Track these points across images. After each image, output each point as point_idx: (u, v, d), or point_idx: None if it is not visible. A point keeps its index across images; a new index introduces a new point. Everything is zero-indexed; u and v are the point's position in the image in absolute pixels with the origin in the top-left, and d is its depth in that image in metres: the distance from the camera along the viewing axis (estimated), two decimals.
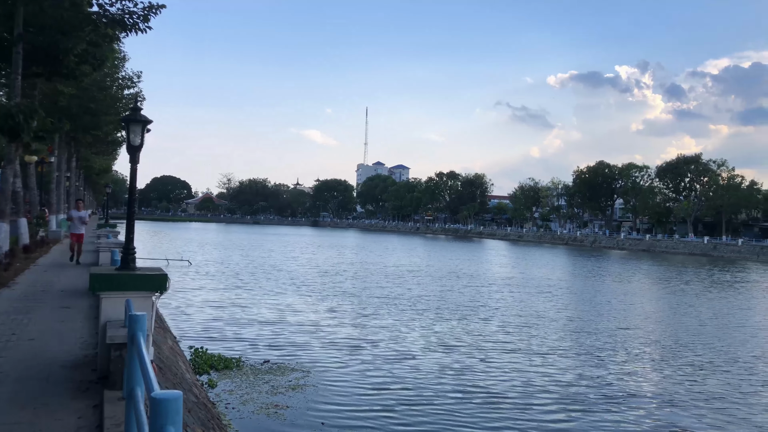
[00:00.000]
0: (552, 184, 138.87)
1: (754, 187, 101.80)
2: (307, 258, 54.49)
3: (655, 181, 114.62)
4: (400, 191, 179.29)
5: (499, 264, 56.68)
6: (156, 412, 2.90)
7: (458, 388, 13.83)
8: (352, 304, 26.21)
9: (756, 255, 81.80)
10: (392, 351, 17.31)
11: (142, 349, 4.25)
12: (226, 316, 22.29)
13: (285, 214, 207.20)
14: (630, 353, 18.45)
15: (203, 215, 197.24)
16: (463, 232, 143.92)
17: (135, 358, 4.70)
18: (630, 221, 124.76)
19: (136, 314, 4.97)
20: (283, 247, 69.49)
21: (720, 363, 17.53)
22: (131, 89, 36.77)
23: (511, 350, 17.98)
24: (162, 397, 2.91)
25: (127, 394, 4.91)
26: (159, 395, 2.93)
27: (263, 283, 32.82)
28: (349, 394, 13.22)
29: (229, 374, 14.09)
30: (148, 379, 3.48)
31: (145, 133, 8.52)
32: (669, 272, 53.15)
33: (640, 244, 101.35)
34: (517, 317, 24.20)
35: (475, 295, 30.91)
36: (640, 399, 13.70)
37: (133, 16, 14.13)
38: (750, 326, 24.85)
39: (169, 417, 2.87)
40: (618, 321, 24.42)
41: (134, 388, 4.42)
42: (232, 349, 16.72)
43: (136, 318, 4.92)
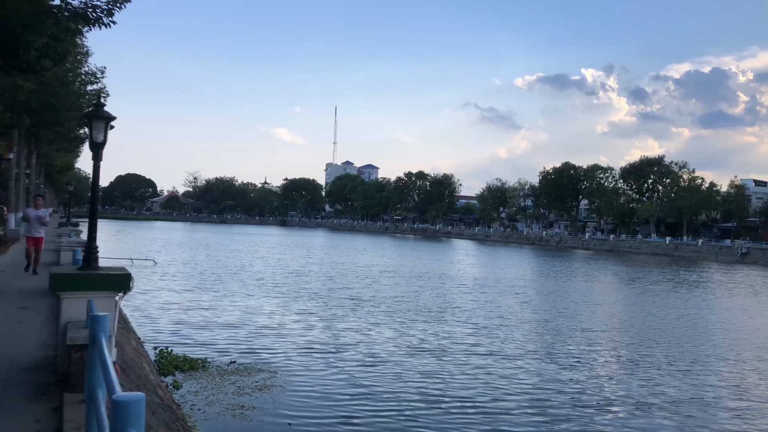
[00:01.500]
0: (519, 184, 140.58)
1: (713, 189, 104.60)
2: (275, 258, 54.10)
3: (619, 182, 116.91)
4: (369, 191, 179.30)
5: (467, 264, 57.10)
6: (117, 414, 2.83)
7: (426, 391, 13.71)
8: (320, 305, 26.10)
9: (715, 255, 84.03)
10: (360, 353, 17.25)
11: (104, 350, 4.16)
12: (192, 316, 21.98)
13: (252, 214, 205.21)
14: (600, 355, 18.42)
15: (169, 214, 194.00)
16: (432, 232, 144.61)
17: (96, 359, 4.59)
18: (594, 221, 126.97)
19: (98, 315, 4.86)
20: (250, 247, 68.86)
21: (689, 365, 17.57)
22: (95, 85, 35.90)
23: (480, 354, 17.74)
24: (123, 399, 2.84)
25: (87, 397, 4.80)
26: (120, 397, 2.87)
27: (230, 284, 32.47)
28: (316, 395, 13.16)
29: (194, 375, 13.89)
30: (110, 381, 3.40)
31: (108, 129, 8.34)
32: (636, 272, 54.24)
33: (605, 244, 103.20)
34: (486, 318, 24.23)
35: (445, 296, 31.05)
36: (610, 403, 13.52)
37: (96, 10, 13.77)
38: (719, 327, 25.18)
39: (131, 419, 2.81)
40: (587, 322, 24.48)
41: (95, 391, 4.32)
42: (198, 349, 16.50)
43: (97, 318, 4.80)
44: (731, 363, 17.98)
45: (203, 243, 72.08)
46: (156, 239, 75.81)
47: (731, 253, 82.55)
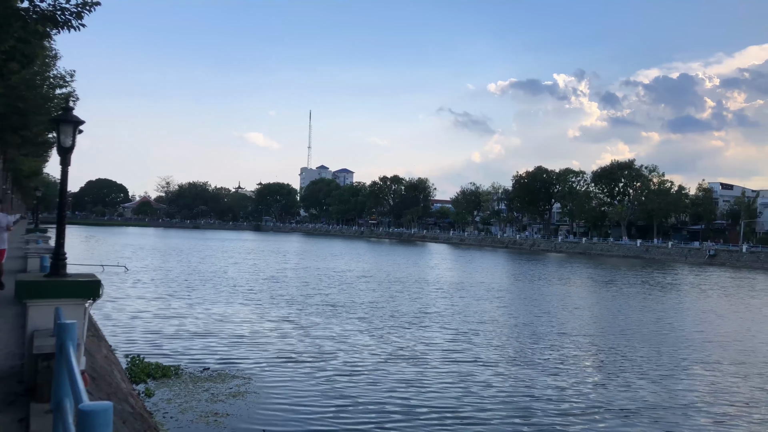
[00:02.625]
0: (492, 188, 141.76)
1: (682, 192, 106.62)
2: (250, 264, 53.71)
3: (590, 185, 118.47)
4: (344, 195, 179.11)
5: (444, 268, 57.30)
6: (84, 424, 2.77)
7: (404, 399, 13.54)
8: (296, 311, 25.91)
9: (684, 257, 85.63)
10: (337, 359, 17.12)
11: (71, 358, 4.07)
12: (164, 323, 21.68)
13: (226, 219, 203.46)
14: (579, 360, 18.21)
15: (141, 219, 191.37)
16: (407, 236, 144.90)
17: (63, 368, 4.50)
18: (567, 225, 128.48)
19: (66, 323, 4.76)
20: (224, 253, 68.25)
21: (668, 369, 17.36)
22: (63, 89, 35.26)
23: (458, 360, 17.40)
24: (90, 408, 2.79)
25: (54, 407, 4.70)
26: (87, 407, 2.81)
27: (203, 290, 32.13)
28: (291, 401, 13.06)
29: (167, 383, 13.70)
30: (77, 390, 3.33)
31: (76, 134, 8.20)
32: (610, 275, 54.93)
33: (577, 247, 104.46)
34: (464, 324, 24.06)
35: (422, 302, 31.01)
36: (590, 410, 13.22)
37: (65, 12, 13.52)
38: (695, 330, 25.33)
39: (98, 429, 2.76)
40: (565, 327, 24.33)
41: (62, 400, 4.23)
42: (170, 357, 16.28)
43: (65, 326, 4.71)
44: (709, 366, 17.92)
45: (176, 249, 71.21)
46: (128, 245, 74.67)
47: (700, 255, 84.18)
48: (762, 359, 19.23)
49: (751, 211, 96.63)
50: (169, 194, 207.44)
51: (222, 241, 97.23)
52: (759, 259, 77.47)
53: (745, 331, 25.20)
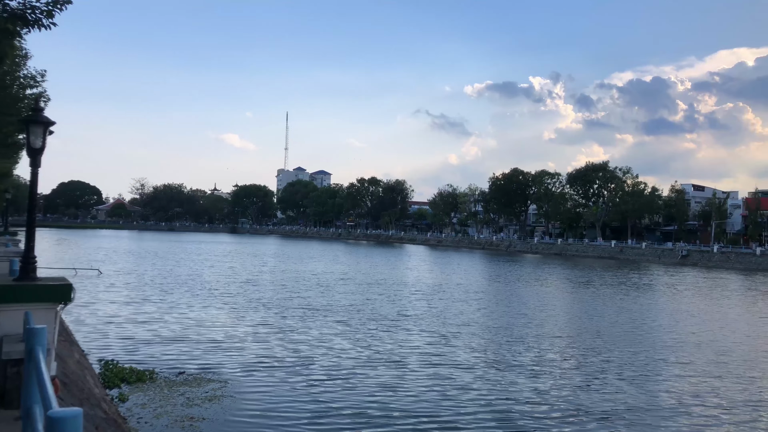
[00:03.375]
0: (469, 190, 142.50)
1: (655, 193, 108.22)
2: (226, 266, 53.27)
3: (566, 187, 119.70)
4: (322, 197, 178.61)
5: (422, 270, 57.44)
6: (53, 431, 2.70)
7: (382, 402, 13.42)
8: (273, 314, 25.74)
9: (658, 257, 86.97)
10: (315, 362, 17.00)
11: (41, 364, 3.98)
12: (139, 327, 21.39)
13: (202, 221, 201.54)
14: (558, 363, 18.04)
15: (115, 222, 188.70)
16: (385, 238, 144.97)
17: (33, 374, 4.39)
18: (543, 226, 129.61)
19: (35, 327, 4.66)
20: (199, 255, 67.59)
21: (648, 371, 17.25)
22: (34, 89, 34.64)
23: (437, 364, 17.16)
24: (59, 415, 2.72)
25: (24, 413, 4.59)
26: (56, 413, 2.74)
27: (179, 294, 31.77)
28: (268, 405, 12.97)
29: (141, 387, 13.52)
30: (46, 397, 3.25)
31: (47, 135, 8.04)
32: (587, 276, 55.49)
33: (553, 248, 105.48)
34: (443, 326, 24.00)
35: (401, 304, 30.95)
36: (569, 413, 13.07)
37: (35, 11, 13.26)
38: (674, 331, 25.43)
39: None
40: (544, 328, 24.23)
41: (32, 407, 4.13)
42: (145, 361, 16.07)
43: (34, 331, 4.60)
44: (686, 368, 17.84)
45: (151, 251, 70.34)
46: (101, 248, 73.54)
47: (673, 256, 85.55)
48: (737, 359, 19.42)
49: (722, 212, 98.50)
50: (143, 196, 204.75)
51: (198, 244, 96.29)
52: (729, 260, 79.00)
53: (718, 329, 25.60)
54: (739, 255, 79.65)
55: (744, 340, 23.28)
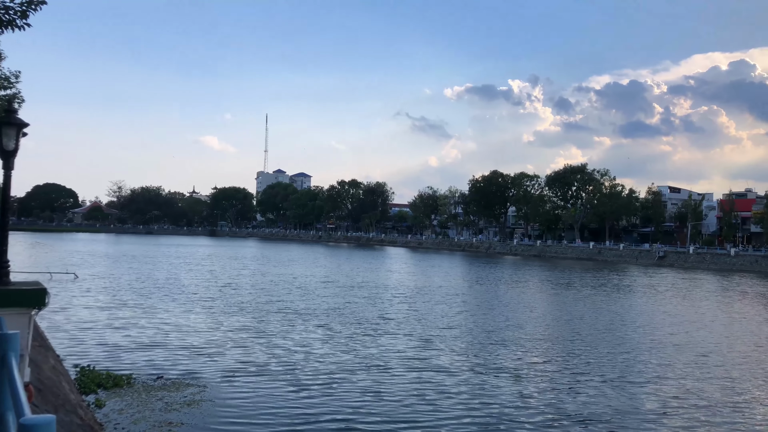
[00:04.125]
0: (449, 192, 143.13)
1: (632, 195, 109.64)
2: (206, 270, 52.84)
3: (544, 189, 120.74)
4: (302, 199, 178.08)
5: (403, 272, 57.52)
6: None
7: (361, 407, 13.24)
8: (253, 318, 25.53)
9: (635, 258, 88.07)
10: (294, 367, 16.85)
11: (14, 370, 3.90)
12: (116, 332, 21.12)
13: (180, 224, 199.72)
14: (542, 366, 17.75)
15: (92, 225, 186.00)
16: (365, 240, 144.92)
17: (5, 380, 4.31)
18: (522, 228, 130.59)
19: (7, 333, 4.56)
20: (178, 259, 66.97)
21: (632, 374, 16.94)
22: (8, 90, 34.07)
23: (420, 368, 16.90)
24: (31, 422, 2.66)
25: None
26: (28, 421, 2.68)
27: (157, 298, 31.44)
28: (247, 410, 12.87)
29: (119, 393, 13.34)
30: (19, 404, 3.19)
31: (20, 137, 7.90)
32: (567, 278, 55.94)
33: (532, 249, 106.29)
34: (425, 329, 23.87)
35: (383, 307, 30.82)
36: (552, 418, 12.92)
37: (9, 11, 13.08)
38: (658, 333, 25.58)
39: None
40: (527, 332, 24.01)
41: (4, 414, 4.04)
42: (123, 366, 15.87)
43: (6, 337, 4.51)
44: (670, 370, 17.70)
45: (129, 255, 69.51)
46: (77, 252, 72.50)
47: (650, 257, 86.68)
48: (717, 361, 19.42)
49: (698, 213, 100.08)
50: (121, 199, 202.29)
51: (176, 247, 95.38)
52: (705, 260, 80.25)
53: (696, 331, 25.80)
54: (714, 256, 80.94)
55: (723, 341, 23.47)
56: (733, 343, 23.12)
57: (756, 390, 15.88)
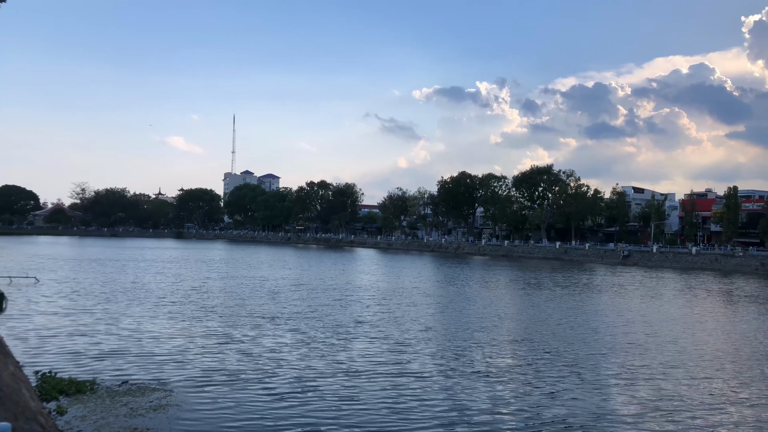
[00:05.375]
0: (419, 193, 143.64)
1: (597, 195, 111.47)
2: (172, 273, 52.06)
3: (512, 190, 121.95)
4: (270, 201, 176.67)
5: (374, 274, 57.47)
6: None
7: (331, 413, 13.07)
8: (221, 322, 25.19)
9: (600, 258, 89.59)
10: (263, 371, 16.66)
11: None
12: (79, 337, 20.68)
13: (146, 226, 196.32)
14: (515, 369, 17.46)
15: (54, 228, 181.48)
16: (335, 242, 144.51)
17: None
18: (490, 228, 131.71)
19: None
20: (144, 262, 65.84)
21: (606, 377, 16.84)
22: None
23: (392, 373, 16.56)
24: None
25: None
26: None
27: (122, 302, 30.87)
28: (214, 414, 12.73)
29: (81, 399, 13.07)
30: None
31: None
32: (536, 277, 56.51)
33: (500, 249, 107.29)
34: (398, 331, 23.81)
35: (352, 309, 30.69)
36: (524, 421, 12.85)
37: None
38: (623, 333, 25.92)
39: None
40: (499, 333, 23.87)
41: None
42: (86, 372, 15.56)
43: None
44: (643, 371, 17.64)
45: (92, 258, 68.06)
46: (38, 255, 70.70)
47: (615, 256, 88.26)
48: (690, 359, 19.59)
49: (660, 213, 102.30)
50: (84, 201, 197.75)
51: (142, 250, 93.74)
52: (668, 259, 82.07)
53: (668, 331, 26.02)
54: (677, 255, 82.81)
55: (692, 338, 23.83)
56: (704, 340, 23.41)
57: (730, 390, 15.89)
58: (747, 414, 13.87)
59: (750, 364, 19.16)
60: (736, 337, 24.43)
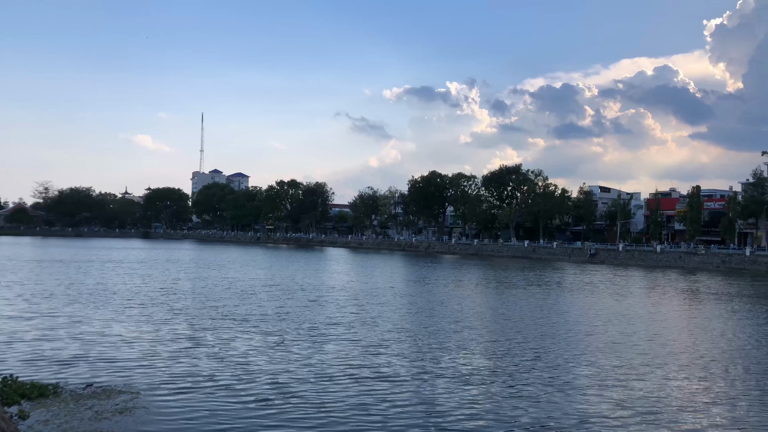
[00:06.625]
0: (389, 192, 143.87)
1: (565, 195, 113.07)
2: (139, 274, 51.19)
3: (481, 189, 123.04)
4: (240, 200, 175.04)
5: (346, 273, 57.33)
6: None
7: (300, 417, 12.77)
8: (188, 324, 24.69)
9: (568, 256, 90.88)
10: (231, 373, 16.39)
11: None
12: (42, 340, 20.17)
13: (112, 226, 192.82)
14: (490, 372, 17.18)
15: (15, 228, 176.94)
16: (305, 241, 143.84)
17: None
18: (460, 227, 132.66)
19: None
20: (110, 263, 64.60)
21: (581, 379, 16.60)
22: None
23: (365, 377, 16.20)
24: None
25: None
26: None
27: (87, 304, 30.20)
28: (182, 416, 12.53)
29: (44, 403, 12.74)
30: None
31: None
32: (507, 276, 56.93)
33: (470, 248, 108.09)
34: (370, 332, 23.61)
35: (324, 311, 30.21)
36: (498, 426, 12.59)
37: None
38: (595, 332, 26.11)
39: None
40: (472, 333, 23.70)
41: None
42: (49, 376, 15.16)
43: None
44: (617, 372, 17.59)
45: (56, 259, 66.52)
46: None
47: (582, 254, 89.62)
48: (666, 361, 19.47)
49: (626, 212, 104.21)
50: (47, 200, 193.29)
51: (108, 250, 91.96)
52: (633, 257, 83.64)
53: (644, 331, 26.33)
54: (642, 253, 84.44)
55: (669, 338, 23.87)
56: (678, 339, 23.51)
57: (707, 390, 15.85)
58: (724, 414, 13.88)
59: (725, 363, 19.26)
60: (711, 335, 24.59)
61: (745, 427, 12.94)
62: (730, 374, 17.69)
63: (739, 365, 18.92)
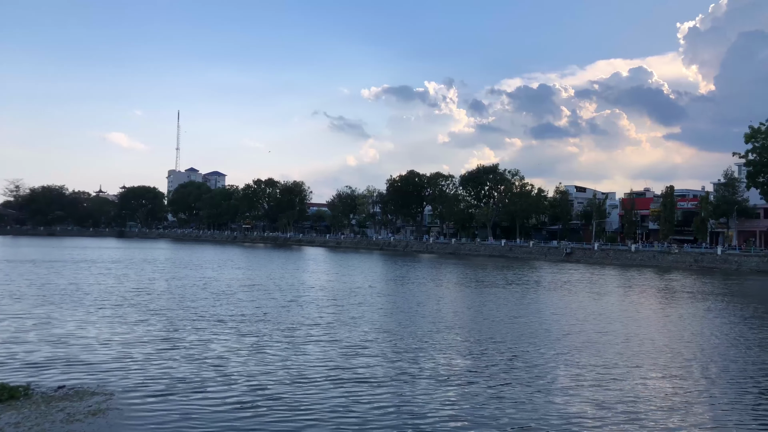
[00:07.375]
0: (368, 192, 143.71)
1: (541, 194, 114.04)
2: (112, 274, 50.42)
3: (459, 189, 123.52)
4: (216, 199, 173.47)
5: (324, 273, 57.09)
6: None
7: (279, 421, 12.55)
8: (163, 325, 24.33)
9: (544, 255, 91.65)
10: (206, 374, 16.14)
11: None
12: (12, 342, 19.73)
13: (86, 225, 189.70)
14: (472, 372, 17.02)
15: None
16: (283, 240, 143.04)
17: None
18: (438, 226, 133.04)
19: None
20: (83, 263, 63.56)
21: (564, 381, 16.62)
22: None
23: (344, 378, 15.96)
24: None
25: None
26: None
27: (59, 305, 29.65)
28: (157, 417, 12.33)
29: (15, 405, 12.46)
30: None
31: None
32: (486, 276, 57.14)
33: (447, 247, 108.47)
34: (350, 333, 23.50)
35: (301, 312, 30.02)
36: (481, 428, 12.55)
37: None
38: (575, 330, 26.31)
39: None
40: (453, 334, 23.63)
41: None
42: (19, 378, 14.81)
43: None
44: (598, 371, 17.69)
45: (27, 259, 65.25)
46: None
47: (558, 253, 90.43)
48: (644, 360, 19.57)
49: (601, 211, 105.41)
50: (18, 199, 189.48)
51: (82, 250, 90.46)
52: (609, 256, 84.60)
53: (622, 329, 26.54)
54: (617, 252, 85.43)
55: (647, 337, 23.98)
56: (656, 338, 23.56)
57: (686, 390, 15.89)
58: (702, 413, 13.95)
59: (702, 362, 19.38)
60: (687, 334, 24.79)
61: (722, 426, 13.10)
62: (708, 373, 17.85)
63: (715, 364, 19.12)
